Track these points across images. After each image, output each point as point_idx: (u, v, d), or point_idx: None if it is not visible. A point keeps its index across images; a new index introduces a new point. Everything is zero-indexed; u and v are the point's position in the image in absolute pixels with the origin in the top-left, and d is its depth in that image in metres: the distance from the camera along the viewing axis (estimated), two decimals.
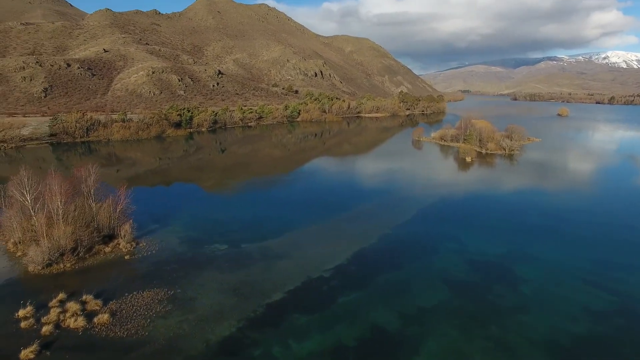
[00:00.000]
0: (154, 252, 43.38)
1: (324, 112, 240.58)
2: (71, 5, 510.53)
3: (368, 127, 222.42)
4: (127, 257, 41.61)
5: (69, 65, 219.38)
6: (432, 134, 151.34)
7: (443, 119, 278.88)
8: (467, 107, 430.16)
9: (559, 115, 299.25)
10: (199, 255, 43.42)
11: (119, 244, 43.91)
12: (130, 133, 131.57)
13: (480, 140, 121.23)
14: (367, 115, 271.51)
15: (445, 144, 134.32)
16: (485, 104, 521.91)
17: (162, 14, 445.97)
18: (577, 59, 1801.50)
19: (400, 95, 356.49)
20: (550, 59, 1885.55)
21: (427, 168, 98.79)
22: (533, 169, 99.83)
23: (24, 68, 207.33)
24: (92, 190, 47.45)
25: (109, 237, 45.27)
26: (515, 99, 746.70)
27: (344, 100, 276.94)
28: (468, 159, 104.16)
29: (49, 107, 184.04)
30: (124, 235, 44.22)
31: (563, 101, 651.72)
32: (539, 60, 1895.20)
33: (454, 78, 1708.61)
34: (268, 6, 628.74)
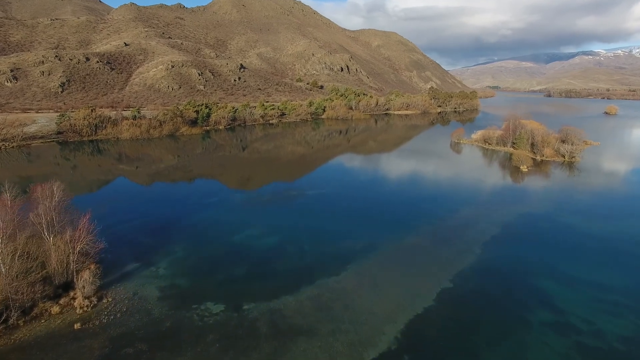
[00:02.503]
0: (118, 315, 30.78)
1: (351, 108, 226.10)
2: (100, 1, 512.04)
3: (397, 125, 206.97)
4: (77, 325, 29.10)
5: (88, 59, 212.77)
6: (473, 135, 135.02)
7: (476, 117, 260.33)
8: (500, 105, 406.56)
9: (606, 113, 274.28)
10: (180, 323, 30.04)
11: (75, 300, 31.76)
12: (141, 131, 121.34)
13: (533, 145, 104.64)
14: (396, 112, 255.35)
15: (490, 147, 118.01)
16: (518, 101, 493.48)
17: (186, 8, 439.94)
18: (616, 53, 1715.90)
19: (431, 92, 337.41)
20: (585, 53, 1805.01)
21: (475, 179, 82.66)
22: (605, 180, 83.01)
23: (43, 62, 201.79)
24: (50, 219, 35.59)
25: (65, 287, 33.30)
26: (550, 96, 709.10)
27: (371, 96, 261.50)
28: (523, 168, 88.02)
29: (64, 103, 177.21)
30: (83, 287, 32.05)
31: (603, 97, 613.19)
32: (573, 55, 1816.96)
33: (483, 74, 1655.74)
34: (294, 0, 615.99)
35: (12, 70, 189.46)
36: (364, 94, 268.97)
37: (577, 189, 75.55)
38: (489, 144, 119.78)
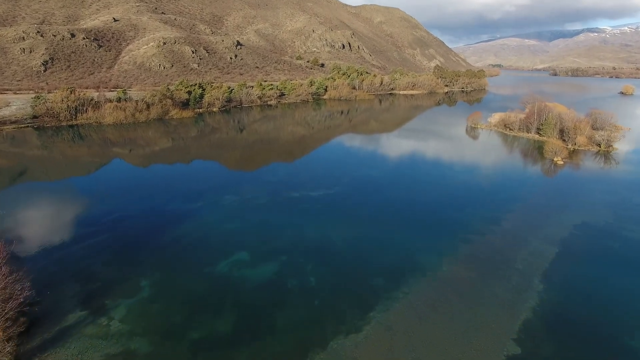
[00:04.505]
0: None
1: (354, 88, 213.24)
2: None
3: (402, 105, 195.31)
4: None
5: (73, 35, 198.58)
6: (490, 119, 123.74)
7: (484, 97, 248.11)
8: (506, 84, 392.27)
9: (622, 93, 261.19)
10: None
11: None
12: (126, 115, 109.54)
13: (562, 132, 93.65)
14: (401, 92, 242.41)
15: (512, 133, 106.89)
16: (525, 80, 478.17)
17: None
18: (622, 29, 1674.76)
19: (437, 70, 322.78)
20: (590, 30, 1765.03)
21: (505, 176, 70.85)
22: None
23: (23, 39, 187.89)
24: None
25: None
26: (555, 74, 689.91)
27: (375, 75, 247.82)
28: (558, 161, 77.19)
29: (47, 83, 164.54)
30: None
31: (610, 76, 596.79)
32: (577, 32, 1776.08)
33: (485, 52, 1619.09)
34: None
35: None
36: (367, 73, 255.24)
37: (630, 188, 64.80)
38: (510, 129, 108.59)
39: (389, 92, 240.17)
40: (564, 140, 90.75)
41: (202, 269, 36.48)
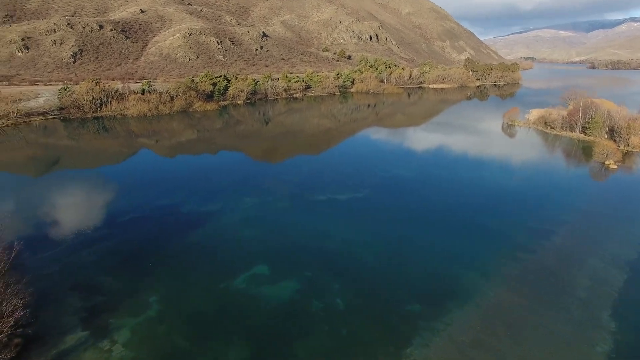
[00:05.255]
0: None
1: (382, 81, 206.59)
2: None
3: (431, 99, 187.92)
4: None
5: (101, 27, 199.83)
6: (527, 116, 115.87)
7: (517, 91, 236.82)
8: (540, 77, 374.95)
9: None
10: None
11: None
12: (149, 108, 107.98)
13: (612, 131, 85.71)
14: (430, 86, 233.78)
15: (553, 132, 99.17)
16: (560, 74, 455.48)
17: None
18: None
19: (468, 63, 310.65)
20: (633, 19, 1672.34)
21: (552, 181, 64.10)
22: None
23: (55, 30, 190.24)
24: None
25: None
26: (594, 67, 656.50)
27: (403, 68, 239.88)
28: (611, 164, 69.87)
29: (75, 74, 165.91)
30: None
31: None
32: (619, 22, 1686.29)
33: (516, 44, 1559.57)
34: None
35: (23, 40, 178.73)
36: (395, 65, 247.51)
37: None
38: (552, 127, 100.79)
39: (418, 86, 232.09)
40: (614, 140, 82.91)
41: (217, 283, 32.96)
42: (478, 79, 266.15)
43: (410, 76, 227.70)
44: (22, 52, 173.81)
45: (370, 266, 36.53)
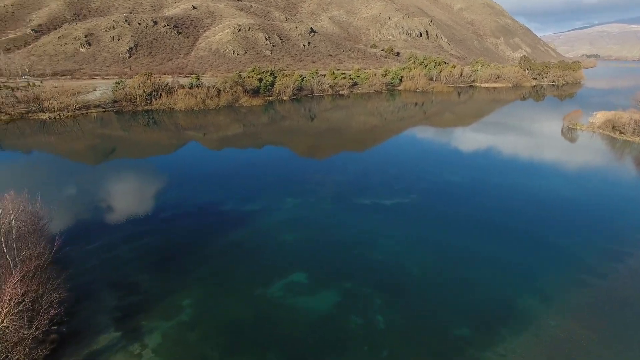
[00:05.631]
0: None
1: (431, 79, 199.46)
2: None
3: (483, 99, 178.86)
4: None
5: (155, 23, 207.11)
6: (591, 119, 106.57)
7: (578, 92, 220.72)
8: (605, 76, 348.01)
9: None
10: None
11: None
12: (196, 102, 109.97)
13: None
14: (482, 85, 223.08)
15: (623, 137, 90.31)
16: (630, 72, 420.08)
17: None
18: None
19: (524, 61, 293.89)
20: None
21: (618, 191, 58.78)
22: None
23: (113, 27, 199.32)
24: None
25: None
26: None
27: (454, 66, 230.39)
28: None
29: (130, 68, 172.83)
30: None
31: None
32: None
33: (578, 40, 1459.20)
34: None
35: (86, 36, 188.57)
36: (445, 63, 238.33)
37: None
38: (621, 132, 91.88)
39: (469, 85, 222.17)
40: None
41: (253, 289, 31.57)
42: (534, 78, 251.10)
43: (461, 74, 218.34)
44: (84, 47, 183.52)
45: (416, 281, 33.78)
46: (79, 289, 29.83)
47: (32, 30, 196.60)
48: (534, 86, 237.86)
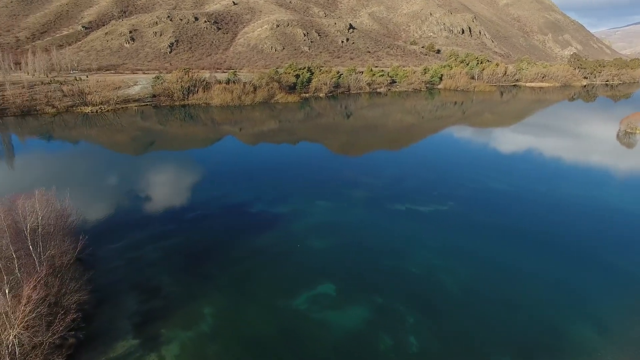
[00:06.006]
0: None
1: (472, 78, 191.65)
2: None
3: (526, 98, 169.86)
4: None
5: (196, 19, 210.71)
6: None
7: (634, 92, 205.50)
8: None
9: None
10: None
11: None
12: (232, 97, 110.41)
13: None
14: (527, 84, 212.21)
15: None
16: None
17: None
18: None
19: (574, 59, 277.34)
20: None
21: None
22: None
23: (156, 23, 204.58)
24: None
25: None
26: None
27: (497, 64, 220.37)
28: None
29: (170, 63, 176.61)
30: None
31: None
32: None
33: (638, 36, 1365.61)
34: None
35: (130, 32, 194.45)
36: (488, 61, 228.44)
37: None
38: None
39: (513, 84, 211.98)
40: None
41: (277, 300, 29.86)
42: (585, 78, 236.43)
43: (505, 73, 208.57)
44: (128, 43, 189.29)
45: (452, 298, 30.95)
46: (100, 291, 29.19)
47: (82, 27, 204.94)
48: (585, 86, 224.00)
